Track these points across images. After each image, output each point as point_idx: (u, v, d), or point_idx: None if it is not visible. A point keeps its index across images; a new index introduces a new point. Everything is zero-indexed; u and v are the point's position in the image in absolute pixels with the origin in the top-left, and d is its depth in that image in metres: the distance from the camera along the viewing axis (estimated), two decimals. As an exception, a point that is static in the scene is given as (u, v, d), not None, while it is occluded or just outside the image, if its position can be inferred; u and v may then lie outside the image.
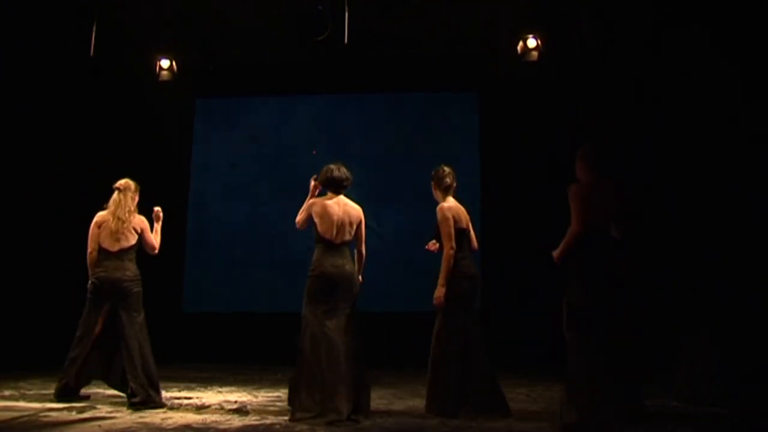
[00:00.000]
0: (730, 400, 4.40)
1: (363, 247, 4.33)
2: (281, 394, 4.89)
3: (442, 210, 4.20)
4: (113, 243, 4.49)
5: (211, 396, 5.00)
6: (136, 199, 4.67)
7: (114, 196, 4.59)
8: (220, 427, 3.75)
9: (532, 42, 6.93)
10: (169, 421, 3.90)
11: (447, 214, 4.16)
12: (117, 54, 7.34)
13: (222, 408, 4.40)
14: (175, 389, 5.31)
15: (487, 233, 7.13)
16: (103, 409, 4.25)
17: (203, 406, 4.47)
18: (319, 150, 8.11)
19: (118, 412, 4.18)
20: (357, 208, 4.32)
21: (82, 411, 4.16)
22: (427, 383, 4.18)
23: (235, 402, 4.67)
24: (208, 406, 4.47)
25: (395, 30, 7.37)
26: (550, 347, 4.34)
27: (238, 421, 3.95)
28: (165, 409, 4.34)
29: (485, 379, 4.03)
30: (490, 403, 4.00)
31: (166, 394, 5.00)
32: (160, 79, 7.51)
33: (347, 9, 6.56)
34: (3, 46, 6.54)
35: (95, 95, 7.87)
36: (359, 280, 4.31)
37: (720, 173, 4.95)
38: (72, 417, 3.99)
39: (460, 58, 7.72)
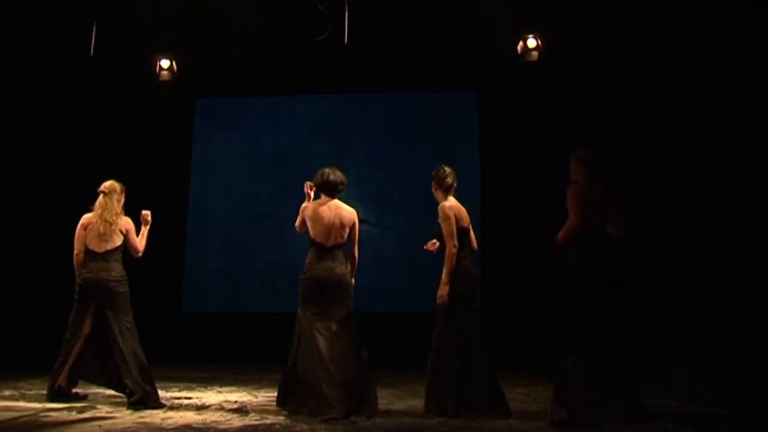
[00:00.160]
0: (730, 400, 4.39)
1: (356, 249, 4.33)
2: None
3: (444, 208, 4.19)
4: (99, 244, 4.51)
5: (211, 396, 5.00)
6: (122, 200, 4.68)
7: (99, 199, 4.60)
8: (220, 427, 3.75)
9: (532, 42, 6.94)
10: (169, 421, 3.90)
11: (449, 212, 4.16)
12: (117, 54, 7.34)
13: (222, 408, 4.40)
14: (175, 389, 5.31)
15: (487, 233, 7.13)
16: (103, 409, 4.25)
17: (203, 406, 4.47)
18: (319, 150, 8.12)
19: (118, 412, 4.18)
20: (350, 211, 4.32)
21: (82, 411, 4.16)
22: (426, 383, 4.18)
23: (235, 402, 4.66)
24: (208, 406, 4.47)
25: (395, 30, 7.37)
26: (550, 347, 4.33)
27: (238, 421, 3.95)
28: (165, 408, 4.34)
29: (485, 379, 4.03)
30: (490, 403, 4.00)
31: (166, 394, 5.00)
32: (160, 79, 7.51)
33: (347, 9, 6.56)
34: (3, 46, 6.54)
35: (95, 95, 7.87)
36: (352, 283, 4.32)
37: (720, 173, 4.95)
38: (72, 417, 3.99)
39: (460, 58, 7.73)
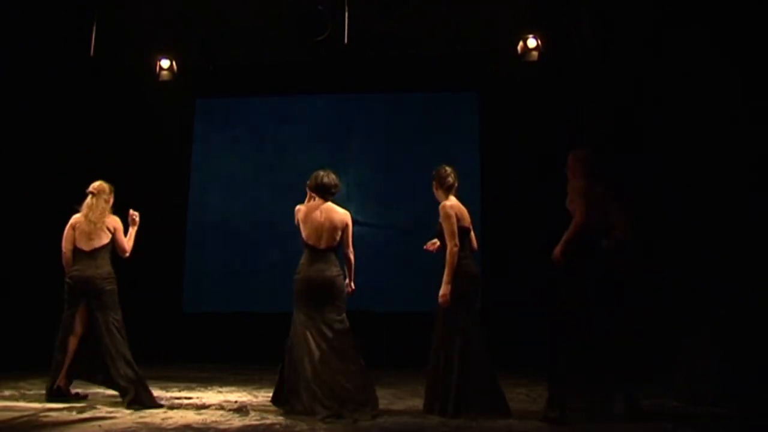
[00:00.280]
0: (730, 400, 4.40)
1: (349, 250, 4.33)
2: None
3: (445, 208, 4.19)
4: (86, 243, 4.56)
5: (211, 396, 5.00)
6: (110, 201, 4.70)
7: (87, 200, 4.64)
8: (220, 427, 3.75)
9: (532, 42, 6.93)
10: (169, 421, 3.90)
11: (450, 211, 4.16)
12: (117, 54, 7.34)
13: (222, 408, 4.40)
14: (175, 389, 5.31)
15: (487, 233, 7.13)
16: (103, 409, 4.25)
17: (203, 406, 4.47)
18: (319, 150, 8.12)
19: (118, 412, 4.18)
20: (342, 213, 4.34)
21: (82, 411, 4.16)
22: (426, 383, 4.18)
23: (236, 402, 4.67)
24: (209, 406, 4.47)
25: (395, 30, 7.37)
26: (550, 347, 4.33)
27: (238, 421, 3.95)
28: (165, 408, 4.34)
29: (485, 379, 4.03)
30: (490, 403, 4.00)
31: (166, 394, 5.01)
32: (160, 79, 7.50)
33: (347, 9, 6.56)
34: (3, 46, 6.54)
35: (95, 95, 7.87)
36: (351, 286, 4.34)
37: (720, 173, 4.95)
38: (72, 417, 3.99)
39: (460, 58, 7.72)
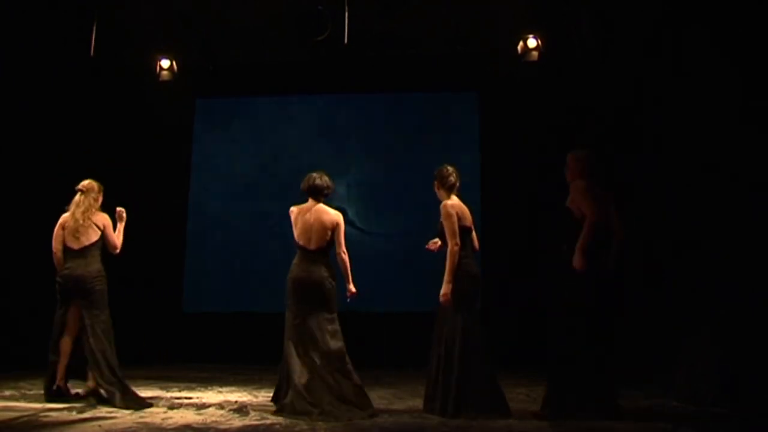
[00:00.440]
0: (730, 400, 4.40)
1: (341, 250, 4.35)
2: (281, 394, 4.88)
3: (446, 207, 4.19)
4: (75, 241, 4.54)
5: (211, 396, 5.00)
6: (99, 199, 4.69)
7: (75, 198, 4.63)
8: (220, 427, 3.75)
9: (532, 42, 6.93)
10: (169, 421, 3.90)
11: (451, 210, 4.16)
12: (117, 54, 7.34)
13: (222, 408, 4.40)
14: (175, 389, 5.32)
15: (487, 233, 7.13)
16: (103, 409, 4.24)
17: (203, 406, 4.47)
18: (319, 150, 8.13)
19: (118, 411, 4.18)
20: (333, 214, 4.38)
21: (82, 411, 4.15)
22: (426, 383, 4.19)
23: (236, 402, 4.66)
24: (209, 406, 4.47)
25: (395, 30, 7.38)
26: (551, 347, 4.33)
27: (238, 421, 3.95)
28: (165, 408, 4.34)
29: (485, 379, 4.03)
30: (490, 403, 4.00)
31: (166, 394, 5.02)
32: (160, 79, 7.51)
33: (347, 9, 6.56)
34: (3, 46, 6.54)
35: (95, 95, 7.87)
36: (351, 289, 4.36)
37: (720, 173, 4.94)
38: (72, 417, 3.99)
39: (460, 58, 7.73)
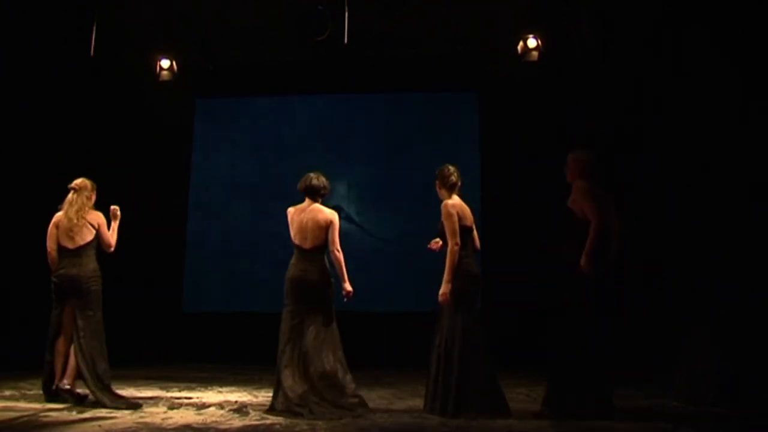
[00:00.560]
0: (730, 400, 4.40)
1: (335, 248, 4.37)
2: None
3: (447, 206, 4.19)
4: (70, 240, 4.49)
5: (211, 396, 5.00)
6: (92, 198, 4.65)
7: (69, 196, 4.59)
8: (220, 427, 3.75)
9: (532, 42, 6.94)
10: (169, 421, 3.90)
11: (451, 210, 4.16)
12: (117, 54, 7.34)
13: (222, 408, 4.40)
14: (175, 389, 5.32)
15: (487, 233, 7.13)
16: (103, 409, 4.24)
17: (203, 406, 4.47)
18: (319, 150, 8.13)
19: (118, 411, 4.18)
20: (327, 213, 4.41)
21: (82, 411, 4.15)
22: (427, 383, 4.18)
23: (236, 402, 4.67)
24: (209, 406, 4.47)
25: (395, 30, 7.38)
26: (551, 347, 4.34)
27: (238, 421, 3.95)
28: (165, 408, 4.35)
29: (485, 379, 4.03)
30: (490, 403, 4.00)
31: (166, 394, 5.02)
32: (160, 79, 7.51)
33: (347, 9, 6.56)
34: (3, 46, 6.54)
35: (95, 95, 7.87)
36: (346, 288, 4.38)
37: (720, 173, 4.95)
38: (72, 417, 3.99)
39: (460, 58, 7.73)
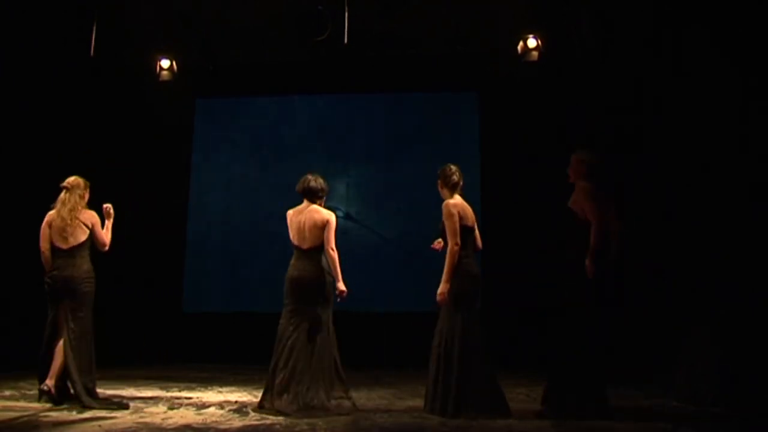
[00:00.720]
0: (730, 400, 4.40)
1: (330, 247, 4.40)
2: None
3: (448, 206, 4.19)
4: (63, 241, 4.41)
5: (211, 396, 5.00)
6: (85, 196, 4.58)
7: (61, 195, 4.51)
8: (220, 427, 3.76)
9: (532, 42, 6.93)
10: (169, 421, 3.91)
11: (452, 210, 4.16)
12: (117, 54, 7.34)
13: (222, 408, 4.40)
14: (175, 389, 5.32)
15: (487, 233, 7.11)
16: (103, 410, 4.23)
17: (203, 406, 4.48)
18: (319, 150, 8.13)
19: (118, 412, 4.19)
20: (324, 213, 4.45)
21: (82, 411, 4.15)
22: (427, 383, 4.18)
23: (236, 402, 4.67)
24: (209, 406, 4.47)
25: (395, 30, 7.37)
26: (549, 347, 4.34)
27: (238, 421, 3.95)
28: (165, 408, 4.35)
29: (485, 379, 4.03)
30: (490, 403, 4.00)
31: (166, 394, 5.02)
32: (160, 79, 7.50)
33: (347, 9, 6.56)
34: (3, 46, 6.54)
35: (95, 95, 7.87)
36: (339, 287, 4.39)
37: (720, 173, 4.95)
38: (72, 417, 3.99)
39: (460, 58, 7.72)
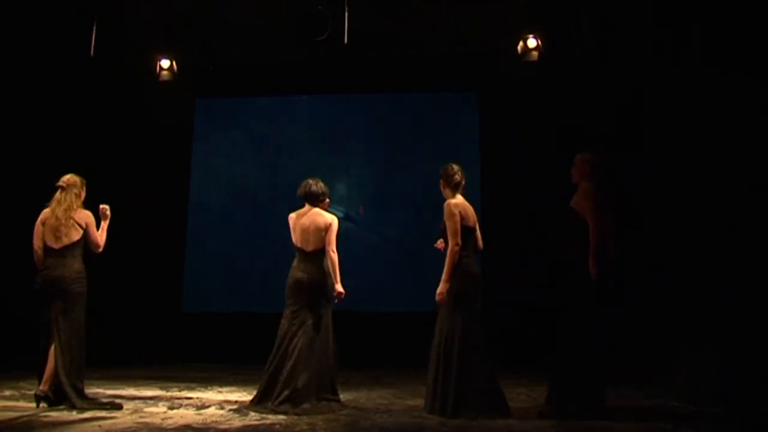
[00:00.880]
0: (730, 400, 4.40)
1: (331, 249, 4.48)
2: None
3: (449, 206, 4.19)
4: (55, 240, 4.33)
5: (211, 396, 5.00)
6: (82, 195, 4.50)
7: (57, 195, 4.43)
8: (220, 427, 3.76)
9: (532, 42, 6.94)
10: (169, 421, 3.91)
11: (454, 210, 4.16)
12: (117, 54, 7.34)
13: (222, 408, 4.40)
14: (175, 389, 5.32)
15: (487, 233, 7.11)
16: (103, 410, 4.23)
17: (203, 406, 4.48)
18: (319, 150, 8.13)
19: (118, 412, 4.19)
20: (327, 217, 4.54)
21: (82, 411, 4.15)
22: (427, 383, 4.18)
23: (236, 402, 4.67)
24: (209, 406, 4.48)
25: (395, 30, 7.38)
26: (550, 347, 4.34)
27: (238, 421, 3.95)
28: (165, 408, 4.35)
29: (485, 379, 4.03)
30: (490, 403, 4.00)
31: (166, 394, 5.02)
32: (160, 79, 7.51)
33: (347, 9, 6.56)
34: (3, 46, 6.54)
35: (95, 95, 7.87)
36: (338, 288, 4.46)
37: (720, 173, 4.95)
38: (72, 417, 3.99)
39: (460, 58, 7.72)
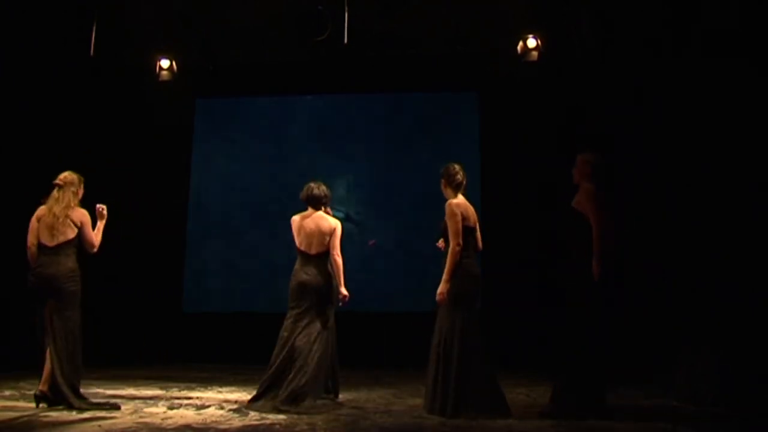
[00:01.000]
0: (730, 400, 4.40)
1: (336, 253, 4.57)
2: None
3: (451, 206, 4.19)
4: (50, 238, 4.29)
5: (211, 396, 5.00)
6: (80, 193, 4.46)
7: (53, 193, 4.37)
8: (220, 427, 3.76)
9: (532, 42, 6.93)
10: (169, 421, 3.91)
11: (455, 210, 4.17)
12: (117, 54, 7.34)
13: (222, 408, 4.40)
14: (175, 389, 5.32)
15: (487, 233, 7.11)
16: (103, 410, 4.23)
17: (203, 406, 4.48)
18: (319, 150, 8.13)
19: (118, 412, 4.19)
20: (331, 221, 4.63)
21: (81, 411, 4.15)
22: (427, 383, 4.18)
23: (235, 402, 4.66)
24: (209, 406, 4.47)
25: (395, 30, 7.38)
26: (550, 347, 4.35)
27: (238, 421, 3.95)
28: (165, 408, 4.35)
29: (485, 379, 4.03)
30: (490, 403, 4.00)
31: (166, 394, 5.02)
32: (160, 79, 7.51)
33: (347, 9, 6.56)
34: (3, 46, 6.54)
35: (95, 95, 7.87)
36: (342, 291, 4.54)
37: (720, 173, 4.95)
38: (72, 417, 3.99)
39: (460, 58, 7.72)
